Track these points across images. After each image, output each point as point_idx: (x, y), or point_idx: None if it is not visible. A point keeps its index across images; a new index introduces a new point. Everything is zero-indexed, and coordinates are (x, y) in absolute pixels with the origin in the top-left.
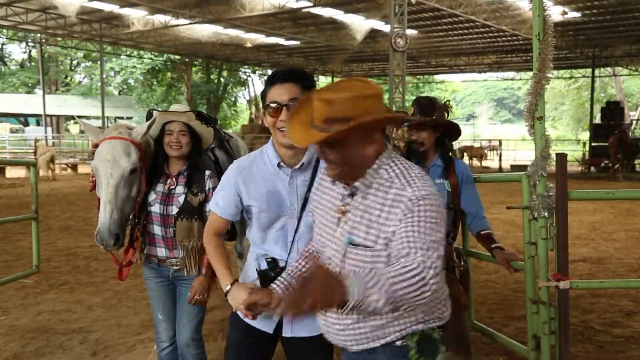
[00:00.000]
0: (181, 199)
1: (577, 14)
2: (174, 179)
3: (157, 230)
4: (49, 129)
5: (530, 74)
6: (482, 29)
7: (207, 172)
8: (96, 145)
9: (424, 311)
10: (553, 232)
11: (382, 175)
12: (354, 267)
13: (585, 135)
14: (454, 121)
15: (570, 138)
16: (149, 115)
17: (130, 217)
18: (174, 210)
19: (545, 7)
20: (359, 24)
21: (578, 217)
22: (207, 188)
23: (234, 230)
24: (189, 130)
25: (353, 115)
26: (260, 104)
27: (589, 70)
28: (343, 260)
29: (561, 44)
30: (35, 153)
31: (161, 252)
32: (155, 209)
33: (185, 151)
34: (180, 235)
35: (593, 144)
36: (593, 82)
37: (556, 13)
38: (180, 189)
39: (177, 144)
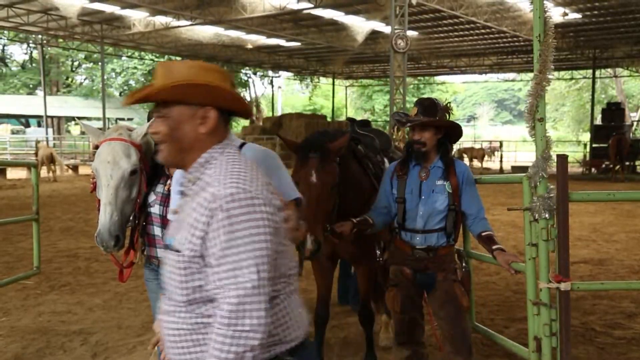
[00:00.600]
0: None
1: (578, 15)
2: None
3: (157, 231)
4: (50, 130)
5: (531, 75)
6: (483, 30)
7: None
8: (97, 147)
9: None
10: (554, 233)
11: (207, 170)
12: (168, 275)
13: (586, 137)
14: (454, 122)
15: (571, 139)
16: (151, 116)
17: (131, 218)
18: None
19: (546, 9)
20: (360, 26)
21: (579, 219)
22: None
23: None
24: None
25: (189, 79)
26: (262, 105)
27: (590, 71)
28: (163, 265)
29: (562, 45)
30: (36, 154)
31: (161, 253)
32: (155, 210)
33: None
34: None
35: (594, 145)
36: (594, 83)
37: (557, 14)
38: None
39: None
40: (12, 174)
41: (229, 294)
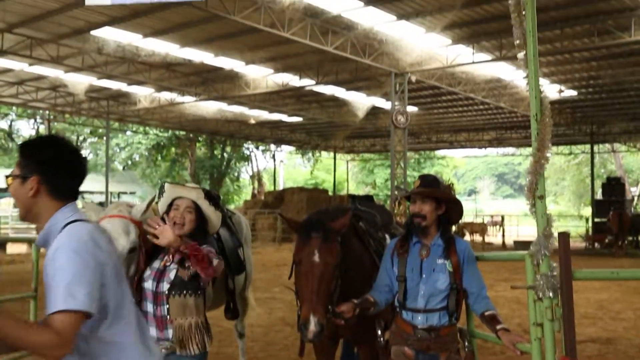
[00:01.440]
0: (172, 275)
1: (574, 93)
2: (170, 256)
3: (149, 307)
4: None
5: (529, 149)
6: (481, 106)
7: (204, 246)
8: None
9: None
10: (559, 312)
11: None
12: None
13: (587, 211)
14: (455, 196)
15: (572, 214)
16: (163, 188)
17: None
18: (165, 286)
19: (542, 89)
20: (361, 101)
21: (584, 295)
22: None
23: (236, 310)
24: (196, 208)
25: None
26: (264, 179)
27: (588, 146)
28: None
29: (559, 121)
30: (37, 229)
31: (152, 331)
32: (148, 285)
33: (188, 229)
34: (173, 312)
35: (596, 220)
36: (592, 158)
37: (553, 91)
38: (174, 265)
39: (181, 220)
40: (12, 248)
41: None
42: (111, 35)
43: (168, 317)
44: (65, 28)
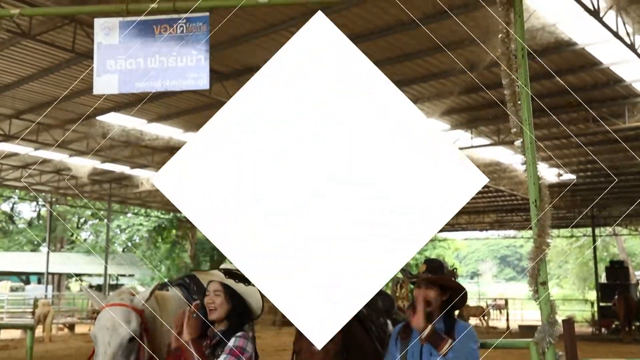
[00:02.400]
0: None
1: (572, 176)
2: (208, 342)
3: None
4: (50, 287)
5: (530, 232)
6: (481, 189)
7: (236, 337)
8: (98, 312)
9: None
10: None
11: None
12: None
13: (592, 295)
14: (461, 285)
15: (577, 297)
16: (207, 281)
17: None
18: None
19: (540, 175)
20: None
21: None
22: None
23: None
24: (226, 290)
25: None
26: None
27: (590, 229)
28: None
29: (559, 204)
30: (33, 313)
31: None
32: None
33: (220, 314)
34: None
35: (601, 304)
36: (594, 241)
37: (552, 175)
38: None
39: (212, 305)
40: (6, 333)
41: None
42: (116, 120)
43: None
44: (72, 114)
